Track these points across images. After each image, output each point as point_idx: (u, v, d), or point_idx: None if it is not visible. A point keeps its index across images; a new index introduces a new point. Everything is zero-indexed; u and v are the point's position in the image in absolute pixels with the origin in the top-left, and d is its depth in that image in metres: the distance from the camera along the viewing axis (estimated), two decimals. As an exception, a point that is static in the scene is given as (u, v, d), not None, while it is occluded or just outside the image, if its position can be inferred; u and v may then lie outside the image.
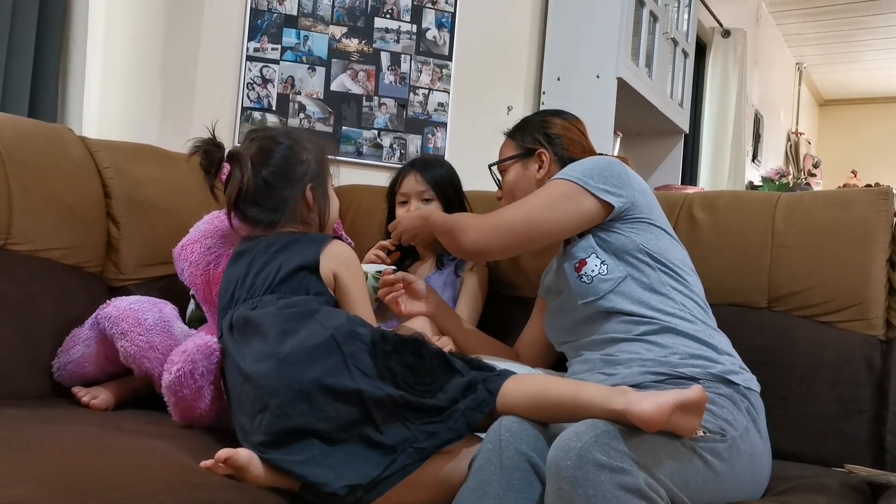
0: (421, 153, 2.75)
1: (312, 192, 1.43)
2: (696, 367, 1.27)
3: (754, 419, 1.25)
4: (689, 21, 3.68)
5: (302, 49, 2.62)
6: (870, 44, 6.46)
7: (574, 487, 0.98)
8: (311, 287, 1.33)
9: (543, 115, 1.67)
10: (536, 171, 1.59)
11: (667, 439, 1.07)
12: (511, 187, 1.62)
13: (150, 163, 1.87)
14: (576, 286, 1.41)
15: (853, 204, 1.59)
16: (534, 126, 1.63)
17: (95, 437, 1.18)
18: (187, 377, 1.30)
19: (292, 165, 1.42)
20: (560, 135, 1.61)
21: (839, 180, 6.67)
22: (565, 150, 1.59)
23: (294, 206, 1.42)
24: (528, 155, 1.60)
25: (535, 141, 1.61)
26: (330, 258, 1.37)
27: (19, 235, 1.53)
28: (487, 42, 2.89)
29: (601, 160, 1.46)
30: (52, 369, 1.51)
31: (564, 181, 1.42)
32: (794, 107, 7.23)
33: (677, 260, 1.41)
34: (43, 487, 0.92)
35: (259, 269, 1.35)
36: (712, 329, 1.37)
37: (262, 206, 1.40)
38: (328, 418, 1.14)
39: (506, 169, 1.64)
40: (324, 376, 1.15)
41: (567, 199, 1.40)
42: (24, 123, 1.67)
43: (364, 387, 1.15)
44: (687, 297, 1.37)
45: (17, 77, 1.99)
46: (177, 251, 1.64)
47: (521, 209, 1.43)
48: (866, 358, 1.49)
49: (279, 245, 1.37)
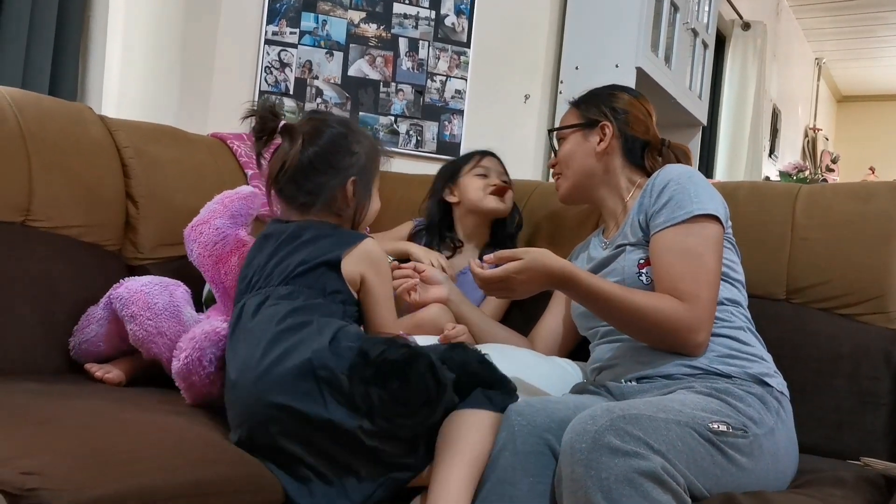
0: (437, 140, 2.75)
1: (353, 186, 1.39)
2: (733, 365, 1.28)
3: (783, 420, 1.25)
4: (709, 12, 3.65)
5: (320, 33, 2.62)
6: (890, 40, 6.39)
7: (587, 470, 0.97)
8: (329, 285, 1.29)
9: (612, 88, 1.63)
10: (596, 144, 1.55)
11: (683, 428, 1.06)
12: (568, 156, 1.58)
13: (169, 144, 1.88)
14: (632, 282, 1.38)
15: (874, 197, 1.58)
16: (601, 98, 1.59)
17: (113, 411, 1.19)
18: (195, 364, 1.30)
19: (341, 154, 1.38)
20: (626, 111, 1.57)
21: (856, 177, 6.60)
22: (628, 127, 1.55)
23: (332, 195, 1.38)
24: (591, 126, 1.56)
25: (599, 113, 1.56)
26: (360, 258, 1.33)
27: (39, 212, 1.54)
28: (506, 29, 2.87)
29: (710, 186, 1.41)
30: (69, 346, 1.52)
31: (716, 223, 1.35)
32: (812, 102, 7.17)
33: (738, 268, 1.42)
34: (61, 459, 0.92)
35: (281, 257, 1.32)
36: (752, 333, 1.37)
37: (299, 186, 1.37)
38: (303, 441, 1.13)
39: (565, 137, 1.60)
40: (296, 401, 1.12)
41: (718, 237, 1.36)
42: (45, 101, 1.67)
43: (336, 417, 1.12)
44: (737, 306, 1.38)
45: (38, 56, 2.00)
46: (187, 232, 1.64)
47: (711, 277, 1.32)
48: (884, 351, 1.48)
49: (308, 236, 1.34)
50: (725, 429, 1.12)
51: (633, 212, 1.45)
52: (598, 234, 1.62)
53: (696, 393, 1.21)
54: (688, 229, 1.33)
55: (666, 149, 1.58)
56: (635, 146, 1.55)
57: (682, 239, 1.33)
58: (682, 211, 1.34)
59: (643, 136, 1.55)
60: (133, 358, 1.53)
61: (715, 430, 1.10)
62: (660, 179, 1.41)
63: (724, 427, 1.12)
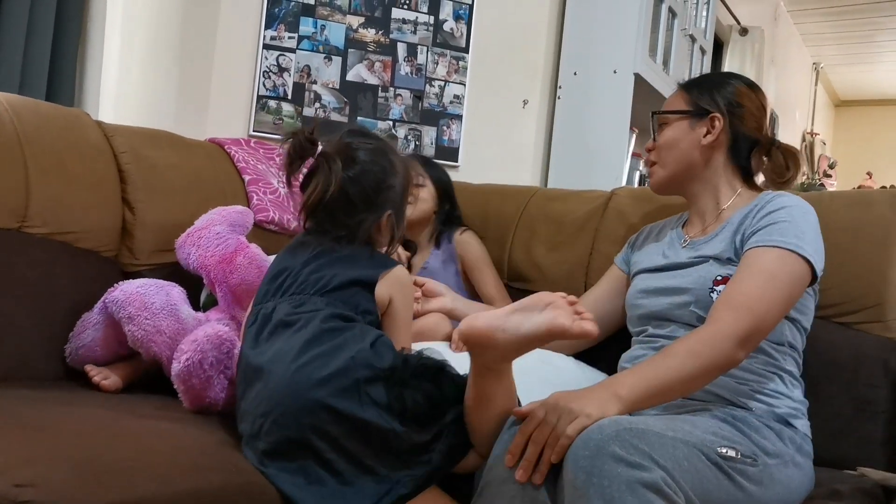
0: (436, 145, 2.75)
1: (388, 220, 1.38)
2: (760, 402, 1.27)
3: (801, 457, 1.25)
4: (707, 18, 3.65)
5: (319, 38, 2.62)
6: (888, 45, 6.40)
7: (589, 478, 0.97)
8: (362, 303, 1.30)
9: (730, 76, 1.50)
10: (703, 136, 1.43)
11: (691, 449, 1.05)
12: (669, 144, 1.46)
13: (167, 149, 1.87)
14: (700, 295, 1.33)
15: (872, 205, 1.58)
16: (717, 86, 1.46)
17: (109, 419, 1.18)
18: (196, 367, 1.30)
19: (379, 190, 1.36)
20: (743, 105, 1.44)
21: (854, 182, 6.63)
22: (742, 123, 1.43)
23: (368, 229, 1.36)
24: (700, 115, 1.44)
25: (711, 102, 1.44)
26: (392, 282, 1.34)
27: (36, 218, 1.53)
28: (504, 35, 2.87)
29: (819, 233, 1.33)
30: (65, 353, 1.51)
31: (807, 267, 1.27)
32: (809, 107, 7.17)
33: (810, 317, 1.38)
34: (56, 469, 0.92)
35: (318, 266, 1.31)
36: (797, 379, 1.36)
37: (336, 221, 1.35)
38: (329, 438, 1.14)
39: (668, 122, 1.48)
40: (331, 397, 1.13)
41: (802, 281, 1.28)
42: (42, 107, 1.67)
43: (371, 417, 1.14)
44: (794, 350, 1.36)
45: (35, 61, 2.00)
46: (181, 240, 1.64)
47: (774, 306, 1.23)
48: (882, 360, 1.47)
49: (345, 253, 1.33)
50: (734, 454, 1.10)
51: (731, 228, 1.37)
52: (678, 228, 1.53)
53: (711, 416, 1.21)
54: (776, 255, 1.26)
55: (775, 149, 1.46)
56: (743, 144, 1.45)
57: (766, 260, 1.26)
58: (780, 238, 1.27)
59: (755, 133, 1.45)
60: (130, 363, 1.53)
61: (723, 455, 1.09)
62: (772, 204, 1.33)
63: (732, 452, 1.10)
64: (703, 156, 1.44)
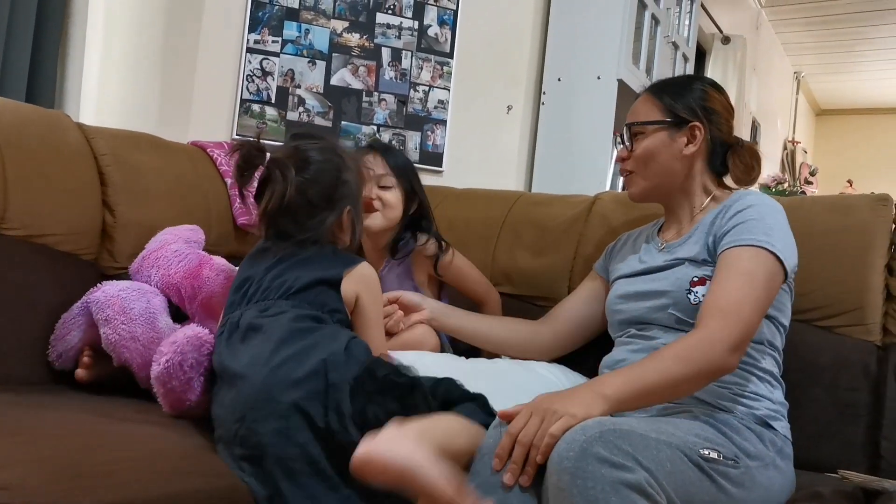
0: (420, 150, 2.75)
1: (348, 215, 1.39)
2: (741, 404, 1.27)
3: (782, 460, 1.25)
4: (689, 26, 3.68)
5: (303, 42, 2.61)
6: (868, 55, 6.48)
7: (573, 479, 0.97)
8: (329, 303, 1.30)
9: (702, 83, 1.47)
10: (684, 146, 1.42)
11: (673, 450, 1.06)
12: (648, 155, 1.43)
13: (148, 151, 1.86)
14: (678, 297, 1.34)
15: (853, 210, 1.59)
16: (692, 94, 1.44)
17: (88, 423, 1.17)
18: (176, 368, 1.28)
19: (338, 186, 1.37)
20: (719, 113, 1.44)
21: (835, 189, 6.68)
22: (719, 132, 1.43)
23: (330, 227, 1.37)
24: (680, 125, 1.42)
25: (691, 112, 1.42)
26: (358, 279, 1.34)
27: (14, 220, 1.52)
28: (489, 40, 2.88)
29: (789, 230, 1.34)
30: (50, 358, 1.50)
31: (778, 264, 1.28)
32: (791, 115, 7.24)
33: (787, 313, 1.39)
34: (35, 471, 0.91)
35: (280, 271, 1.32)
36: (776, 379, 1.36)
37: (299, 224, 1.34)
38: (296, 444, 1.13)
39: (644, 132, 1.44)
40: (303, 399, 1.14)
41: (776, 278, 1.29)
42: (22, 109, 1.65)
43: (332, 426, 1.13)
44: (773, 349, 1.36)
45: (15, 62, 1.98)
46: (136, 266, 1.61)
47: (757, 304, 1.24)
48: (863, 363, 1.49)
49: (308, 254, 1.34)
50: (716, 456, 1.11)
51: (703, 230, 1.38)
52: (654, 233, 1.54)
53: (693, 418, 1.21)
54: (751, 253, 1.27)
55: (740, 148, 1.47)
56: (720, 150, 1.45)
57: (742, 259, 1.27)
58: (749, 236, 1.28)
59: (728, 138, 1.45)
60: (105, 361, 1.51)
61: (705, 457, 1.09)
62: (740, 203, 1.35)
63: (715, 454, 1.11)
64: (684, 166, 1.43)
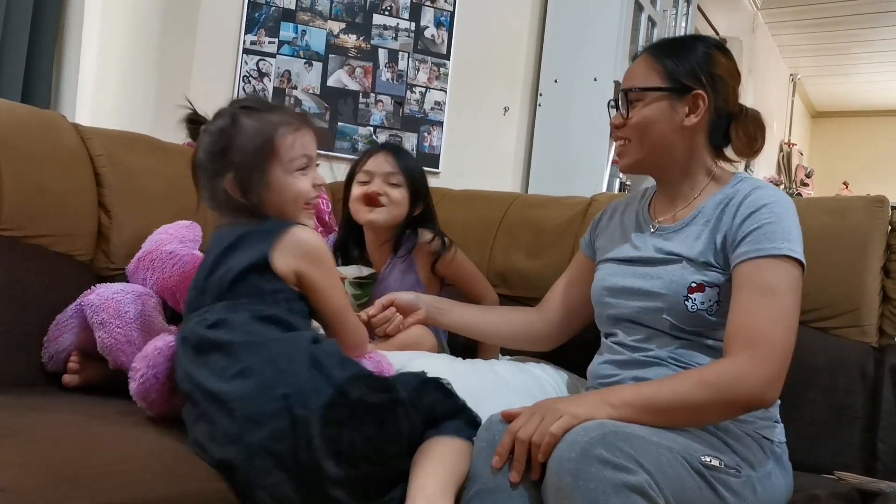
0: (417, 152, 2.74)
1: (232, 183, 1.25)
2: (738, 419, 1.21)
3: (782, 467, 1.25)
4: (686, 28, 3.69)
5: (299, 44, 2.61)
6: (864, 57, 6.50)
7: (574, 480, 0.96)
8: (266, 287, 1.20)
9: (707, 45, 1.32)
10: (685, 116, 1.28)
11: (674, 455, 1.05)
12: (645, 124, 1.29)
13: (144, 152, 1.85)
14: (674, 303, 1.25)
15: (849, 211, 1.59)
16: (697, 58, 1.29)
17: (82, 425, 1.16)
18: (151, 382, 1.26)
19: (218, 151, 1.26)
20: (725, 80, 1.30)
21: (830, 191, 6.71)
22: (724, 102, 1.30)
23: (225, 196, 1.26)
24: (682, 92, 1.28)
25: (695, 79, 1.27)
26: (290, 251, 1.22)
27: (9, 221, 1.51)
28: (486, 42, 2.88)
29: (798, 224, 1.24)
30: (43, 359, 1.49)
31: (797, 265, 1.20)
32: (787, 117, 7.26)
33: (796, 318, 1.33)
34: (29, 474, 0.90)
35: (210, 270, 1.25)
36: None
37: (203, 189, 1.29)
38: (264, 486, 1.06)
39: (643, 99, 1.30)
40: (267, 440, 1.06)
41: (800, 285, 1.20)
42: (17, 109, 1.64)
43: (304, 459, 1.05)
44: None
45: (11, 62, 1.97)
46: (132, 267, 1.60)
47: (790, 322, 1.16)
48: (859, 365, 1.49)
49: (231, 240, 1.24)
50: (718, 464, 1.10)
51: (705, 220, 1.28)
52: (644, 208, 1.41)
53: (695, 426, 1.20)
54: (773, 265, 1.18)
55: (744, 116, 1.33)
56: (724, 121, 1.31)
57: (764, 275, 1.17)
58: (769, 244, 1.18)
59: (733, 108, 1.31)
60: (97, 364, 1.50)
61: (706, 464, 1.08)
62: (752, 202, 1.23)
63: (716, 462, 1.10)
64: (684, 139, 1.30)
